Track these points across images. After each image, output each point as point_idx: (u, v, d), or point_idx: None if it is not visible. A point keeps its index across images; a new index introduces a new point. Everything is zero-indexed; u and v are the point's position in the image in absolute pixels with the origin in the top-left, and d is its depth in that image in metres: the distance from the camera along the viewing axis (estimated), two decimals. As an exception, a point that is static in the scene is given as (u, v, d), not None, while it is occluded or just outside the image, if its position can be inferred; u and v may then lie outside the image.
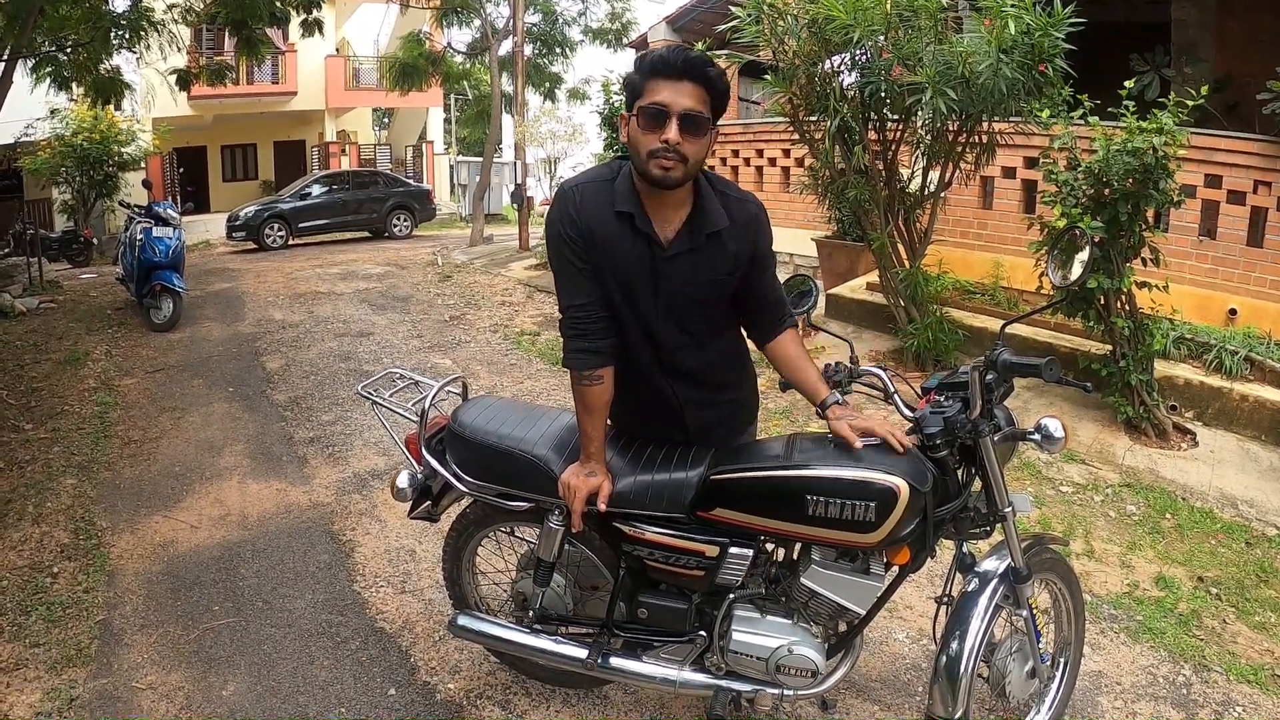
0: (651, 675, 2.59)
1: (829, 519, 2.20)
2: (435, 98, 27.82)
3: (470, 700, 3.07)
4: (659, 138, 2.17)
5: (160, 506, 4.76)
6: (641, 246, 2.33)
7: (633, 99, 2.25)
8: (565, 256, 2.35)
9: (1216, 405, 5.73)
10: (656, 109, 2.18)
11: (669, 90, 2.17)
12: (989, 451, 2.25)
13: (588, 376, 2.36)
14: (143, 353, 8.24)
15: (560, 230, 2.34)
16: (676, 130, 2.17)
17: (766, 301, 2.51)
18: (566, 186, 2.41)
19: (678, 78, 2.18)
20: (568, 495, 2.38)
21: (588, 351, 2.36)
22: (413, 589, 3.83)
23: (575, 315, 2.37)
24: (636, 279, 2.36)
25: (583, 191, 2.36)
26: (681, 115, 2.17)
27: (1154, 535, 4.42)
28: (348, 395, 6.54)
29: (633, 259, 2.34)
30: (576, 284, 2.36)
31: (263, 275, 13.03)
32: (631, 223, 2.31)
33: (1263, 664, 3.38)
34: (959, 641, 2.30)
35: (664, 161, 2.19)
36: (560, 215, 2.35)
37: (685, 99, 2.18)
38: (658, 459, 2.46)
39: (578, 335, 2.37)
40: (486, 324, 9.31)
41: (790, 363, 2.51)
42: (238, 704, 3.08)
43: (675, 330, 2.45)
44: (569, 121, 13.00)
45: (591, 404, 2.38)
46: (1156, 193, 5.07)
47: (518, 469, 2.52)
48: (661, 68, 2.18)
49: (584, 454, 2.41)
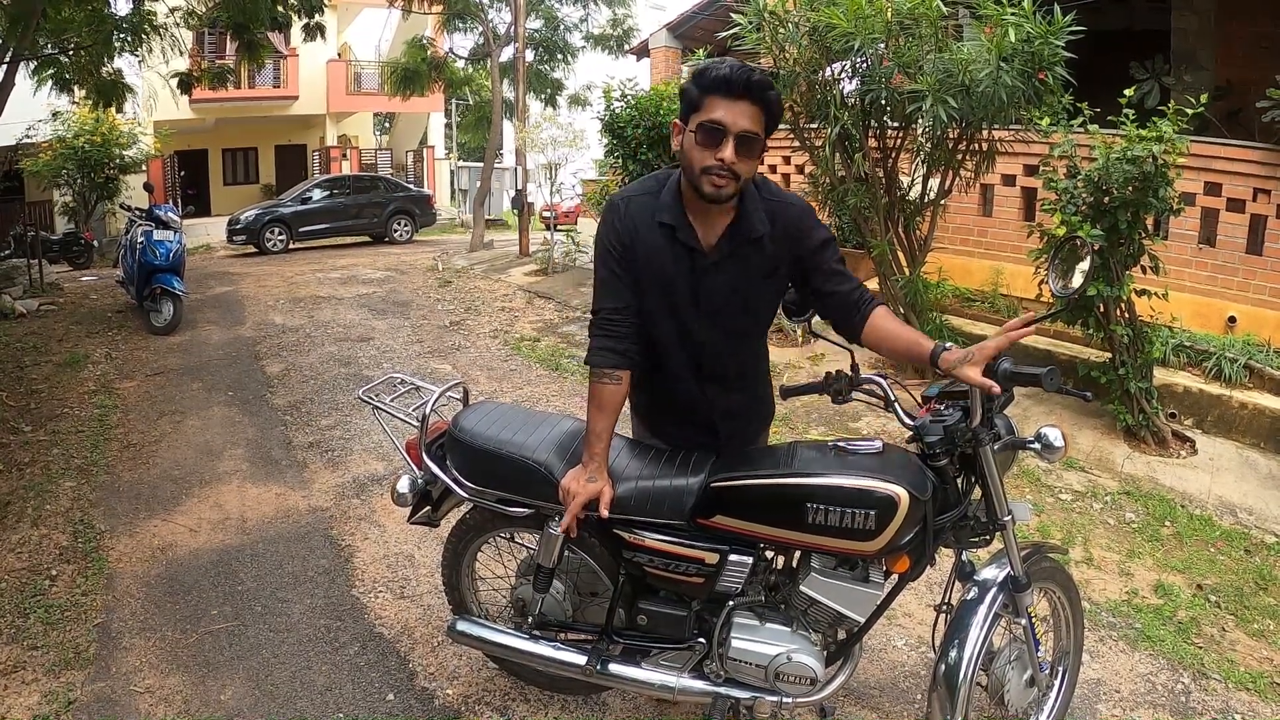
0: (650, 682, 2.58)
1: (829, 527, 2.20)
2: (436, 103, 27.85)
3: (468, 706, 3.06)
4: (714, 155, 2.19)
5: (159, 510, 4.75)
6: (683, 255, 2.36)
7: (689, 111, 2.26)
8: (608, 265, 2.40)
9: (1216, 413, 5.73)
10: (714, 127, 2.19)
11: (728, 110, 2.18)
12: (989, 460, 2.25)
13: (608, 374, 2.38)
14: (143, 356, 8.24)
15: (606, 240, 2.40)
16: (733, 150, 2.18)
17: (843, 292, 2.44)
18: (615, 199, 2.45)
19: (737, 97, 2.18)
20: (565, 499, 2.38)
21: (612, 351, 2.38)
22: (411, 594, 3.82)
23: (607, 318, 2.40)
24: (678, 287, 2.39)
25: (629, 204, 2.41)
26: (738, 135, 2.18)
27: (1153, 543, 4.42)
28: (347, 400, 6.54)
29: (675, 268, 2.37)
30: (614, 290, 2.40)
31: (263, 279, 13.03)
32: (673, 233, 2.35)
33: (1261, 671, 3.38)
34: (958, 649, 2.30)
35: (717, 179, 2.21)
36: (608, 226, 2.41)
37: (743, 119, 2.19)
38: (659, 465, 2.46)
39: (605, 335, 2.40)
40: (486, 330, 9.32)
41: (890, 339, 2.38)
42: (236, 708, 3.08)
43: (715, 335, 2.47)
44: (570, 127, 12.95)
45: (605, 402, 2.38)
46: (1156, 200, 5.08)
47: (518, 475, 2.52)
48: (723, 87, 2.18)
49: (587, 454, 2.39)
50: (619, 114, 9.33)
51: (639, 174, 9.26)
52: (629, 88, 9.51)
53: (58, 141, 16.36)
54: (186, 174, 24.23)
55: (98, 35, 10.10)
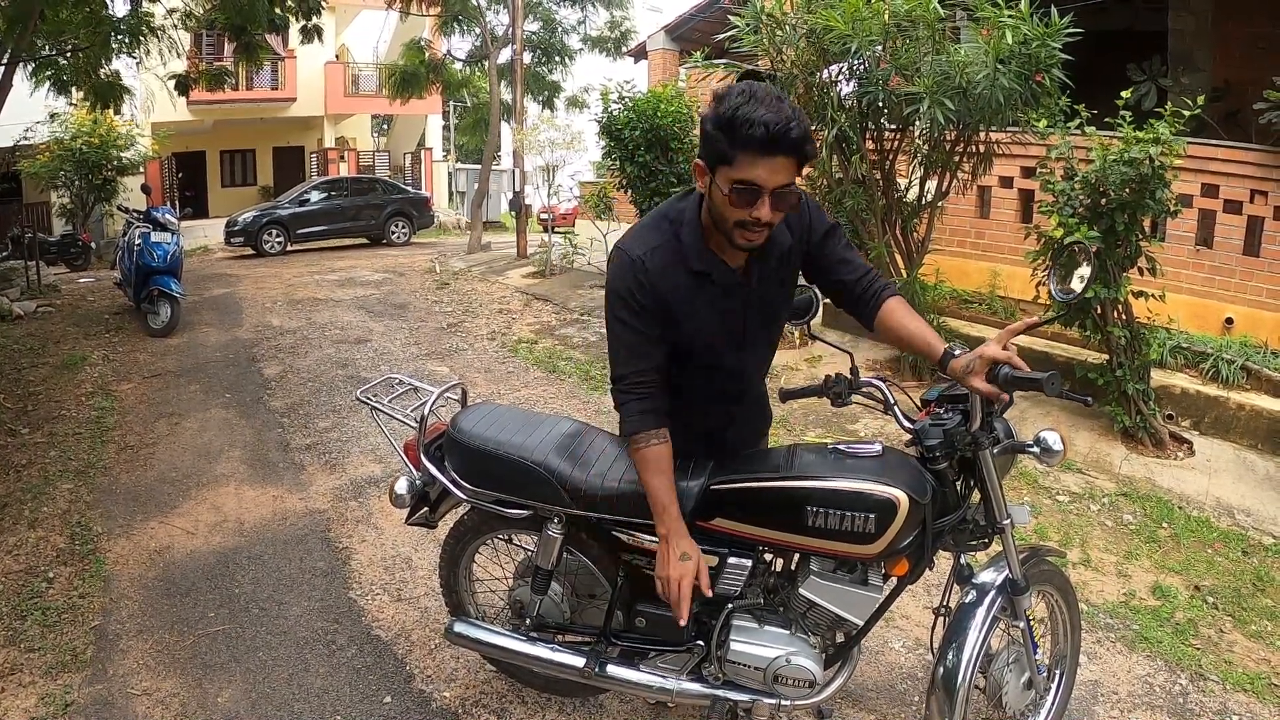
0: (648, 684, 2.57)
1: (828, 530, 2.20)
2: (434, 105, 27.85)
3: (466, 708, 3.06)
4: (749, 213, 2.08)
5: (156, 512, 4.74)
6: (719, 296, 2.29)
7: (716, 159, 2.09)
8: (632, 326, 2.26)
9: (1213, 414, 5.74)
10: (748, 188, 2.05)
11: (764, 168, 2.03)
12: (988, 464, 2.25)
13: (656, 436, 2.27)
14: (140, 357, 8.23)
15: (629, 301, 2.24)
16: (769, 208, 2.07)
17: (853, 280, 2.42)
18: (631, 255, 2.26)
19: (773, 154, 2.02)
20: (670, 589, 2.26)
21: (651, 413, 2.28)
22: (409, 597, 3.82)
23: (636, 381, 2.28)
24: (719, 326, 2.33)
25: (651, 259, 2.24)
26: (774, 192, 2.07)
27: (1150, 544, 4.42)
28: (345, 402, 6.53)
29: (713, 309, 2.30)
30: (640, 351, 2.28)
31: (261, 281, 13.03)
32: (709, 278, 2.26)
33: (1259, 673, 3.38)
34: (956, 652, 2.30)
35: (750, 234, 2.12)
36: (628, 285, 2.24)
37: (780, 175, 2.06)
38: None
39: (637, 399, 2.28)
40: (484, 332, 9.32)
41: (901, 333, 2.36)
42: (233, 710, 3.07)
43: (747, 358, 2.46)
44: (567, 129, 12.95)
45: (660, 464, 2.27)
46: (1153, 202, 5.09)
47: (516, 476, 2.50)
48: (757, 145, 2.00)
49: (664, 527, 2.27)
50: (616, 116, 9.33)
51: (637, 176, 9.28)
52: (627, 90, 9.51)
53: (55, 143, 16.37)
54: (184, 176, 24.30)
55: (96, 37, 10.11)
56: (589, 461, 2.49)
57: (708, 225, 2.23)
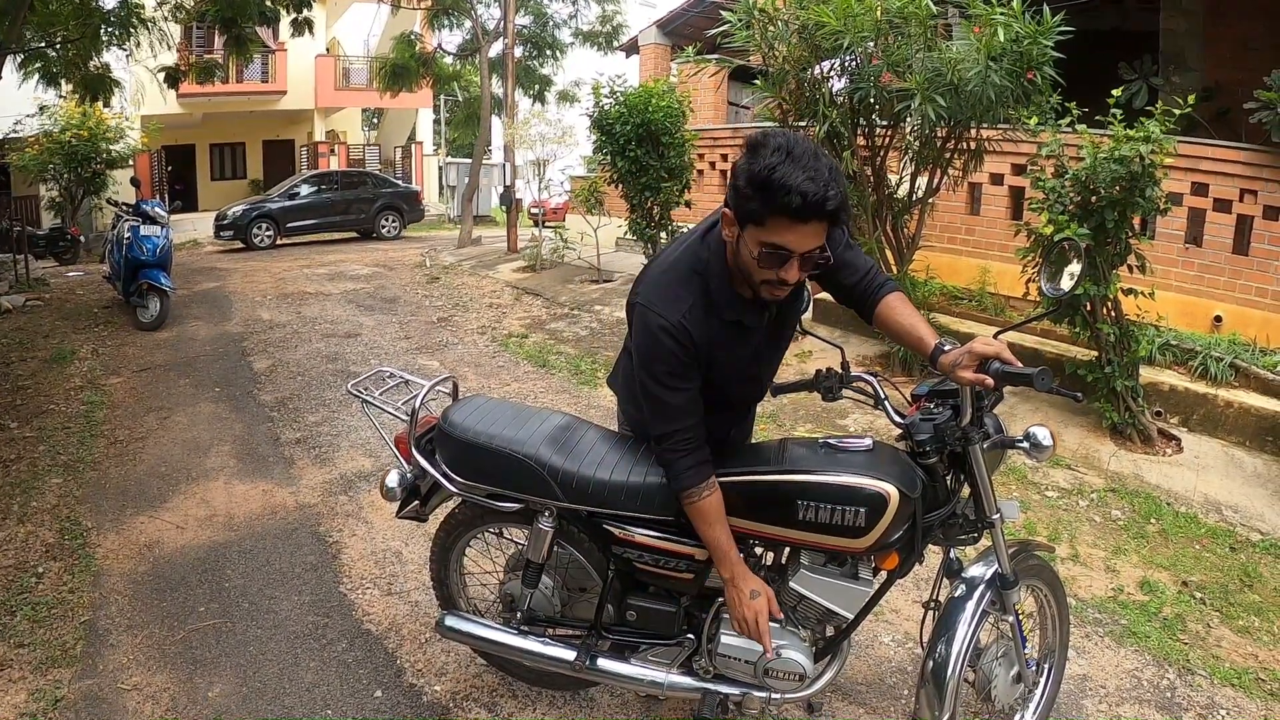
0: (639, 678, 2.59)
1: (819, 524, 2.21)
2: (425, 99, 27.79)
3: (456, 702, 3.07)
4: (777, 274, 2.07)
5: (146, 507, 4.73)
6: (751, 334, 2.30)
7: (747, 217, 2.04)
8: (676, 388, 2.24)
9: (1202, 411, 5.75)
10: (780, 252, 2.03)
11: (797, 235, 2.01)
12: (978, 459, 2.26)
13: (709, 487, 2.26)
14: (129, 352, 8.20)
15: (673, 366, 2.22)
16: (798, 270, 2.07)
17: (853, 282, 2.43)
18: (671, 321, 2.20)
19: (807, 221, 1.99)
20: (749, 628, 2.30)
21: (702, 464, 2.26)
22: (399, 591, 3.82)
23: (684, 438, 2.26)
24: (749, 360, 2.36)
25: (690, 321, 2.20)
26: (804, 255, 2.05)
27: (1139, 540, 4.44)
28: (335, 396, 6.52)
29: (746, 348, 2.32)
30: (684, 408, 2.26)
31: (250, 275, 12.98)
32: (741, 323, 2.27)
33: (1247, 668, 3.40)
34: (946, 646, 2.31)
35: (776, 291, 2.13)
36: (671, 351, 2.20)
37: (811, 240, 2.03)
38: (648, 462, 2.45)
39: (686, 454, 2.26)
40: (474, 326, 9.31)
41: (895, 327, 2.38)
42: (223, 705, 3.07)
43: (769, 372, 2.50)
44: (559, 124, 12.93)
45: (717, 514, 2.27)
46: (1143, 200, 5.09)
47: (508, 469, 2.50)
48: (794, 213, 1.95)
49: (729, 571, 2.30)
50: (608, 110, 9.31)
51: (628, 170, 9.25)
52: (618, 84, 9.49)
53: (44, 136, 16.24)
54: (173, 169, 24.15)
55: (86, 28, 10.07)
56: (580, 454, 2.49)
57: (734, 271, 2.21)
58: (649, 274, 2.36)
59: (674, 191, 9.48)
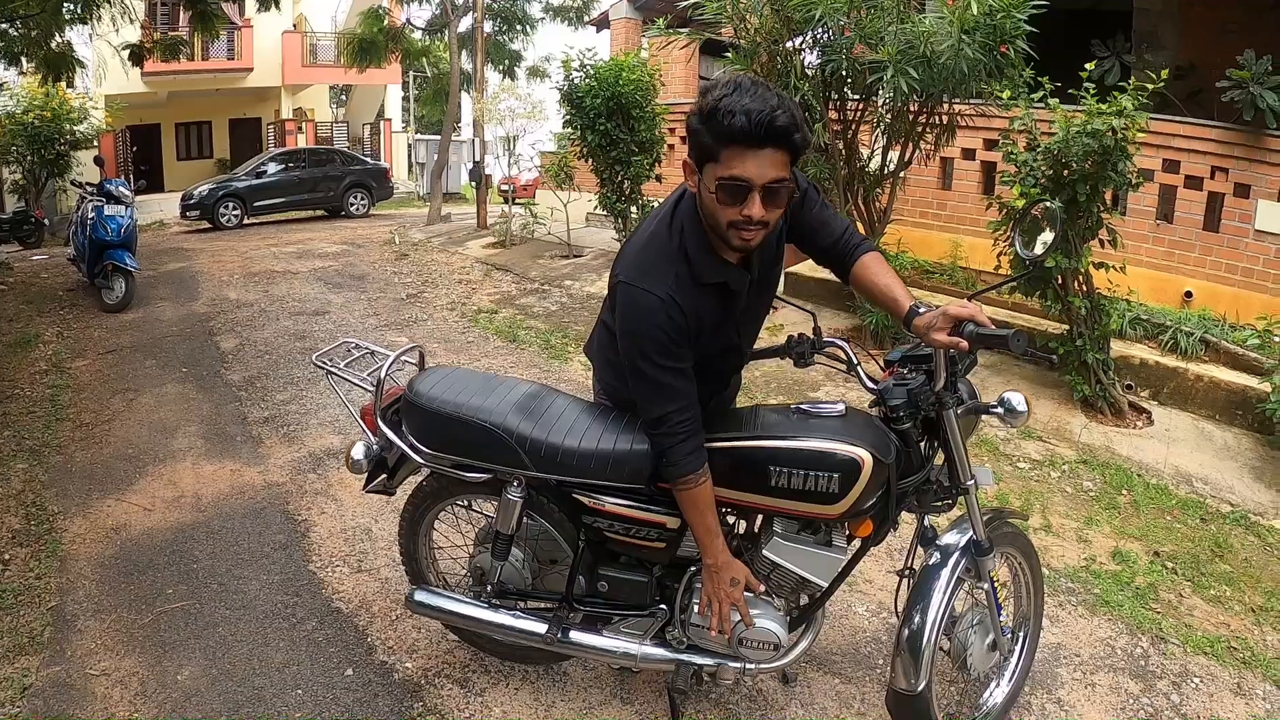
0: (611, 650, 2.56)
1: (792, 490, 2.18)
2: (394, 75, 27.39)
3: (428, 679, 3.03)
4: (740, 212, 1.98)
5: (113, 490, 4.65)
6: (732, 296, 2.24)
7: (702, 157, 2.00)
8: (668, 368, 2.15)
9: (1172, 385, 5.82)
10: (737, 184, 1.96)
11: (752, 162, 1.93)
12: (952, 424, 2.24)
13: (703, 473, 2.20)
14: (95, 334, 8.05)
15: (666, 344, 2.13)
16: (760, 205, 1.97)
17: (830, 244, 2.38)
18: (659, 296, 2.12)
19: (760, 146, 1.92)
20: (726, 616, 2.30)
21: (697, 451, 2.20)
22: (369, 568, 3.77)
23: (679, 421, 2.17)
24: (734, 325, 2.31)
25: (679, 294, 2.12)
26: (765, 187, 1.97)
27: (1110, 511, 4.47)
28: (303, 374, 6.44)
29: (732, 313, 2.26)
30: (678, 389, 2.18)
31: (217, 255, 12.78)
32: (726, 286, 2.20)
33: (1218, 636, 3.43)
34: (921, 614, 2.30)
35: (745, 234, 2.03)
36: (662, 328, 2.12)
37: (770, 169, 1.95)
38: (619, 428, 2.40)
39: (681, 440, 2.18)
40: (444, 302, 9.23)
41: (871, 288, 2.32)
42: (193, 688, 3.02)
43: (751, 335, 2.45)
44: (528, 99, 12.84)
45: (708, 501, 2.22)
46: (1114, 175, 5.11)
47: (475, 438, 2.44)
48: (741, 137, 1.90)
49: (713, 558, 2.27)
50: (578, 84, 9.22)
51: (598, 144, 9.17)
52: (588, 58, 9.39)
53: (6, 117, 15.86)
54: (139, 149, 23.81)
55: (47, 4, 9.80)
56: (549, 422, 2.43)
57: (711, 233, 2.14)
58: (627, 252, 2.28)
59: (644, 165, 9.42)
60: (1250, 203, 6.88)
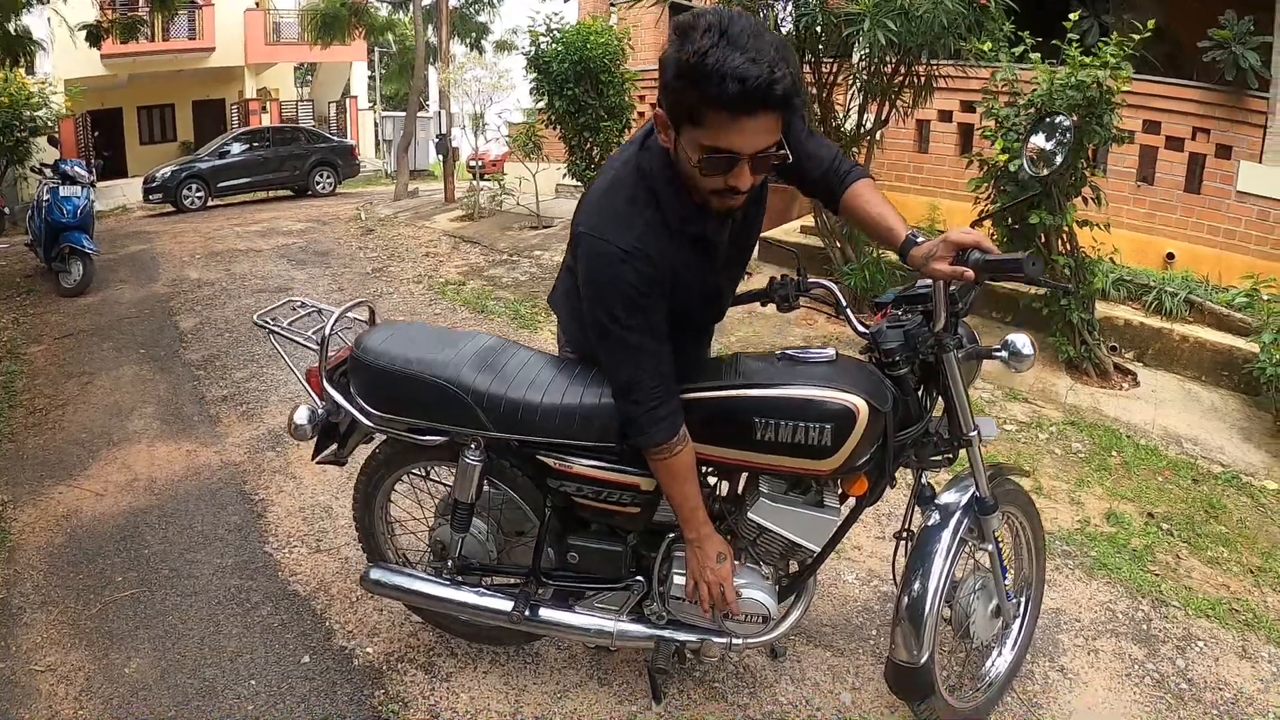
0: (585, 627, 2.36)
1: (779, 444, 1.97)
2: (359, 51, 27.09)
3: (390, 664, 2.83)
4: (726, 182, 1.76)
5: (65, 476, 4.43)
6: (710, 246, 2.01)
7: (681, 115, 1.72)
8: (638, 328, 1.92)
9: (1157, 346, 5.76)
10: (725, 156, 1.71)
11: (742, 132, 1.67)
12: (953, 368, 2.04)
13: (681, 440, 2.00)
14: (52, 319, 7.79)
15: (635, 301, 1.89)
16: (748, 176, 1.75)
17: (825, 168, 2.15)
18: (624, 248, 1.87)
19: (753, 114, 1.65)
20: (713, 593, 2.11)
21: (673, 415, 1.98)
22: (329, 547, 3.57)
23: (653, 387, 1.96)
24: (710, 273, 2.05)
25: (647, 244, 1.88)
26: (754, 157, 1.72)
27: (1101, 472, 4.37)
28: (263, 350, 6.21)
29: (706, 261, 2.01)
30: (650, 351, 1.95)
31: (179, 236, 12.48)
32: (703, 237, 1.97)
33: (1219, 598, 3.32)
34: (922, 581, 2.12)
35: (728, 200, 1.82)
36: (630, 283, 1.87)
37: (761, 137, 1.70)
38: (585, 381, 2.18)
39: (655, 406, 1.96)
40: (410, 275, 9.03)
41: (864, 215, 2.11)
42: (140, 682, 2.82)
43: (727, 288, 2.20)
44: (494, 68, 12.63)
45: (688, 470, 2.03)
46: (1099, 128, 5.00)
47: (427, 397, 2.21)
48: (732, 104, 1.62)
49: (694, 532, 2.09)
50: (545, 49, 8.98)
51: (566, 111, 8.95)
52: (555, 22, 9.15)
53: (-38, 104, 15.41)
54: (100, 134, 23.27)
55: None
56: (508, 376, 2.21)
57: (685, 177, 1.88)
58: (590, 197, 2.03)
59: (614, 132, 9.15)
60: (1232, 164, 6.85)
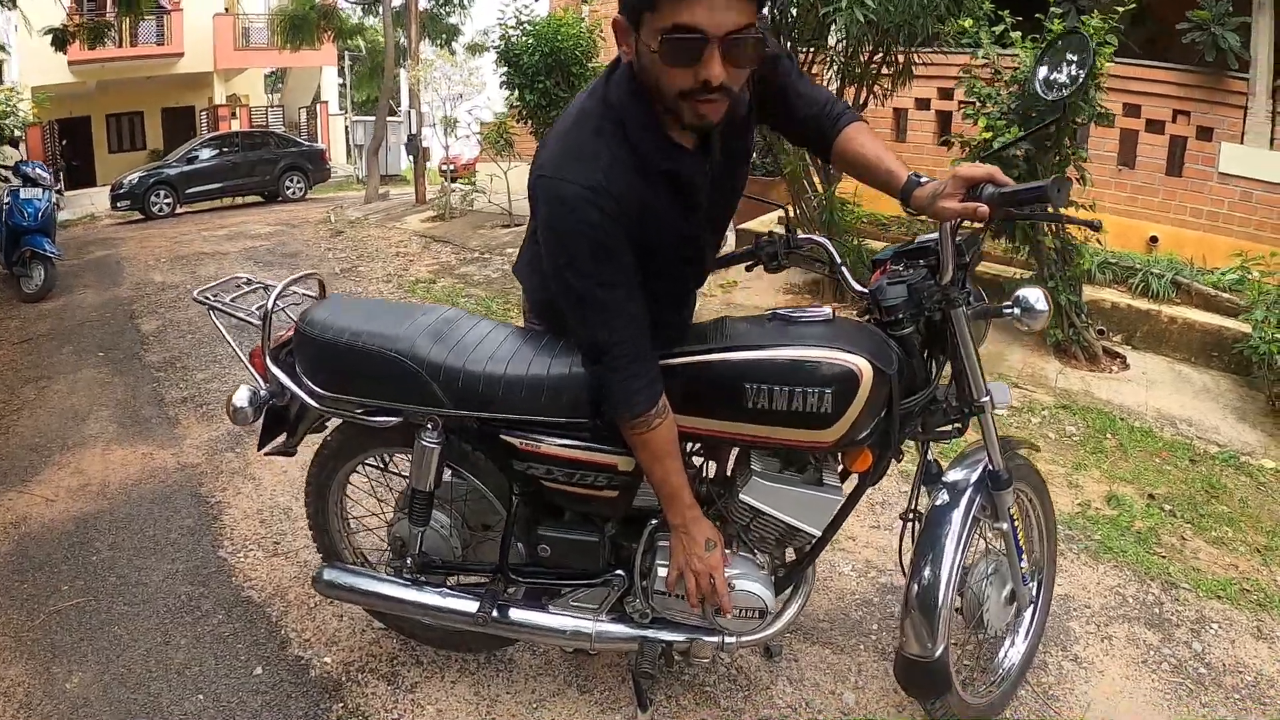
0: (561, 629, 2.13)
1: (773, 412, 1.75)
2: (329, 56, 26.83)
3: (350, 675, 2.62)
4: (694, 75, 1.52)
5: (16, 482, 4.22)
6: (687, 188, 1.77)
7: (637, 4, 1.52)
8: (605, 280, 1.70)
9: (1145, 328, 5.71)
10: (687, 36, 1.48)
11: (703, 6, 1.44)
12: (962, 326, 1.84)
13: (660, 412, 1.78)
14: (11, 324, 7.58)
15: (597, 246, 1.68)
16: (720, 64, 1.50)
17: (816, 110, 1.93)
18: (584, 185, 1.65)
19: None
20: (701, 584, 1.88)
21: (651, 383, 1.77)
22: (286, 551, 3.35)
23: (624, 348, 1.74)
24: (689, 221, 1.81)
25: (611, 181, 1.65)
26: (725, 40, 1.48)
27: (1097, 455, 4.26)
28: (225, 351, 5.99)
29: (685, 206, 1.79)
30: (619, 308, 1.73)
31: (146, 241, 12.23)
32: (677, 174, 1.74)
33: (1229, 579, 3.21)
34: (933, 566, 1.92)
35: (702, 106, 1.57)
36: (591, 224, 1.65)
37: (729, 14, 1.46)
38: (553, 351, 1.96)
39: (632, 373, 1.75)
40: (380, 275, 8.86)
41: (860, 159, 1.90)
42: (81, 698, 2.61)
43: (709, 237, 1.95)
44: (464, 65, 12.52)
45: (669, 445, 1.81)
46: (1085, 104, 4.90)
47: (377, 371, 1.99)
48: None
49: (679, 517, 1.88)
50: (516, 42, 8.80)
51: (537, 104, 8.75)
52: (525, 14, 8.97)
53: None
54: (69, 143, 23.03)
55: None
56: (467, 348, 1.98)
57: (657, 106, 1.67)
58: (549, 139, 1.79)
59: (585, 125, 9.01)
60: (1214, 146, 6.83)
